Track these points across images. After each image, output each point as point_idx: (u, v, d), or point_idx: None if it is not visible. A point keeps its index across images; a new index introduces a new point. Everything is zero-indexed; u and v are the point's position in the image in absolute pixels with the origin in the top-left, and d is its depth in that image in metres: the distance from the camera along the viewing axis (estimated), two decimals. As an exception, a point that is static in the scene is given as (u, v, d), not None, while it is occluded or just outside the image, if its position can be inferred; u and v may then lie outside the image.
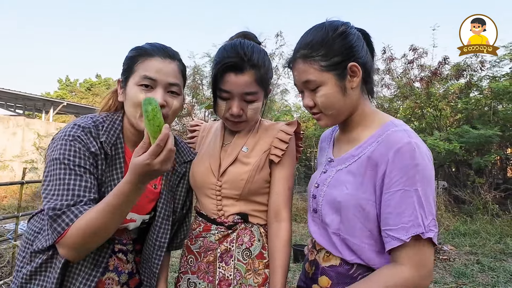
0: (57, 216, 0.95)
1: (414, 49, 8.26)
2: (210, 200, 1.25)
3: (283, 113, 9.65)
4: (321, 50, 1.01)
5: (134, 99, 1.07)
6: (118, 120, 1.16)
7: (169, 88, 1.11)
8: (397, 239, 0.89)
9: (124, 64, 1.15)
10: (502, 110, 7.99)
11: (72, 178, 0.99)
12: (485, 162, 7.18)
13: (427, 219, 0.89)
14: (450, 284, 3.84)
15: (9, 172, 10.83)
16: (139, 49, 1.13)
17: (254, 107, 1.20)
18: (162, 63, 1.10)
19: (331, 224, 1.04)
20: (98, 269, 1.09)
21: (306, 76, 1.03)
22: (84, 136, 1.05)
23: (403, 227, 0.89)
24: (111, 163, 1.10)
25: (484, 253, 4.90)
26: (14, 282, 1.11)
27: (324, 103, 1.03)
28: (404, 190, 0.90)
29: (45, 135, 11.29)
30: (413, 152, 0.91)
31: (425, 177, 0.90)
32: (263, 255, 1.21)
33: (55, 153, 1.01)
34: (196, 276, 1.22)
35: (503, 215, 6.47)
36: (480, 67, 7.86)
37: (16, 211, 3.79)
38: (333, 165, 1.10)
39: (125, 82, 1.13)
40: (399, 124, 1.01)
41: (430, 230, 0.89)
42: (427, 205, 0.90)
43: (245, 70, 1.14)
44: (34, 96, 14.44)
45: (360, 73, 1.03)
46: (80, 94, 29.67)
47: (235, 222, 1.22)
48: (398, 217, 0.90)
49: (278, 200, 1.23)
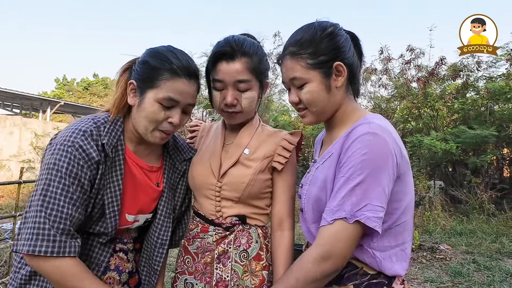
0: (41, 235, 0.94)
1: (411, 50, 8.30)
2: (209, 201, 1.25)
3: (281, 112, 9.67)
4: (309, 48, 1.04)
5: (154, 116, 1.07)
6: (120, 121, 1.14)
7: (186, 108, 1.13)
8: (324, 219, 0.96)
9: (143, 71, 1.09)
10: (498, 110, 8.04)
11: (64, 195, 0.97)
12: (482, 162, 7.22)
13: (359, 204, 0.91)
14: (446, 283, 3.87)
15: (6, 172, 10.80)
16: (165, 63, 1.07)
17: (248, 96, 1.20)
18: (187, 85, 1.09)
19: (309, 219, 1.09)
20: (99, 268, 1.10)
21: (293, 73, 1.06)
22: (85, 143, 1.02)
23: (332, 210, 0.95)
24: (111, 165, 1.09)
25: (480, 252, 4.93)
26: (12, 284, 1.10)
27: (309, 100, 1.06)
28: (345, 178, 0.95)
29: (42, 134, 11.27)
30: (365, 141, 0.94)
31: (370, 165, 0.92)
32: (261, 257, 1.22)
33: (52, 159, 0.99)
34: (193, 277, 1.23)
35: (499, 215, 6.51)
36: (476, 67, 7.91)
37: (13, 211, 3.78)
38: (315, 165, 1.14)
39: (142, 90, 1.08)
40: (369, 118, 1.03)
41: (361, 214, 0.91)
42: (364, 191, 0.92)
43: (236, 58, 1.16)
44: (31, 95, 14.38)
45: (345, 73, 1.05)
46: (77, 93, 29.53)
47: (233, 224, 1.22)
48: (333, 200, 0.96)
49: (282, 209, 1.25)
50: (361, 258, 1.00)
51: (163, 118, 1.08)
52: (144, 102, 1.07)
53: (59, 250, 0.95)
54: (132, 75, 1.13)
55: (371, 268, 0.99)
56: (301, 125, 9.46)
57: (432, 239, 5.57)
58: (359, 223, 0.92)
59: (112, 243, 1.14)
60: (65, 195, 0.97)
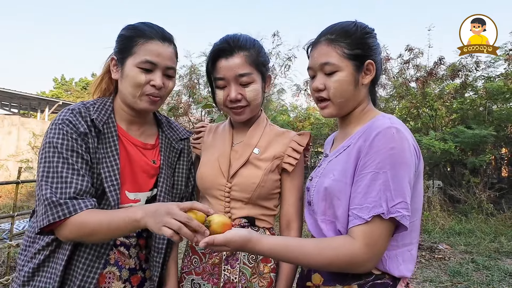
0: (54, 206, 0.98)
1: (410, 49, 8.30)
2: (218, 201, 1.24)
3: (280, 112, 9.65)
4: (347, 39, 1.06)
5: (135, 80, 1.12)
6: (109, 102, 1.21)
7: (166, 72, 1.17)
8: (359, 217, 0.93)
9: (120, 43, 1.17)
10: (497, 110, 8.05)
11: (65, 167, 1.03)
12: (480, 162, 7.22)
13: (394, 201, 0.91)
14: (445, 283, 3.87)
15: (4, 172, 10.76)
16: (137, 30, 1.16)
17: (251, 89, 1.20)
18: (162, 47, 1.15)
19: (318, 211, 1.07)
20: (100, 261, 1.10)
21: (327, 58, 1.06)
22: (73, 118, 1.09)
23: (367, 207, 0.92)
24: (104, 140, 1.14)
25: (479, 252, 4.94)
26: (16, 281, 1.12)
27: (336, 88, 1.06)
28: (374, 173, 0.93)
29: (41, 134, 11.23)
30: (390, 135, 0.94)
31: (399, 160, 0.92)
32: (269, 259, 1.21)
33: (47, 137, 1.06)
34: (201, 278, 1.22)
35: (497, 214, 6.52)
36: (475, 67, 7.91)
37: (11, 211, 3.76)
38: (326, 159, 1.15)
39: (121, 62, 1.15)
40: (387, 115, 1.06)
41: (396, 211, 0.90)
42: (396, 187, 0.91)
43: (234, 53, 1.18)
44: (30, 95, 14.34)
45: (373, 73, 1.09)
46: (75, 93, 29.46)
47: (241, 226, 1.21)
48: (364, 197, 0.94)
49: (290, 210, 1.25)
50: None
51: (145, 81, 1.13)
52: (125, 71, 1.14)
53: (70, 210, 0.98)
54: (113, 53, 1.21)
55: (376, 268, 0.99)
56: (300, 125, 9.45)
57: (431, 238, 5.59)
58: (394, 220, 0.91)
59: None
60: (67, 167, 1.03)
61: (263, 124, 1.31)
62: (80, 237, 1.02)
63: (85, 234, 1.00)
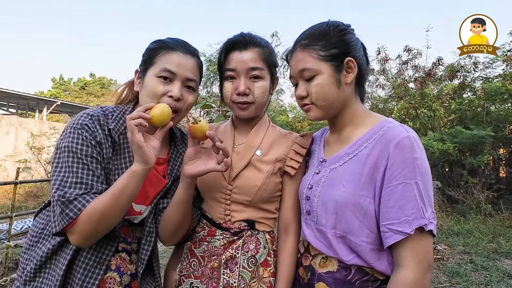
0: (68, 202, 0.96)
1: (408, 50, 8.32)
2: (218, 203, 1.23)
3: (278, 113, 9.65)
4: (321, 41, 1.04)
5: (152, 90, 1.10)
6: (128, 111, 1.18)
7: (186, 83, 1.15)
8: (400, 232, 0.89)
9: (144, 55, 1.17)
10: (495, 110, 8.06)
11: (80, 167, 1.01)
12: (478, 162, 7.24)
13: (427, 211, 0.90)
14: (444, 283, 3.87)
15: (2, 172, 10.71)
16: (161, 42, 1.16)
17: (260, 85, 1.20)
18: (183, 58, 1.14)
19: (326, 224, 1.03)
20: (101, 266, 1.09)
21: (304, 64, 1.05)
22: (92, 125, 1.07)
23: (407, 220, 0.89)
24: (119, 151, 1.12)
25: (477, 252, 4.94)
26: (18, 280, 1.12)
27: (318, 93, 1.04)
28: (405, 183, 0.90)
29: (39, 134, 11.19)
30: (412, 145, 0.92)
31: (424, 170, 0.92)
32: (269, 263, 1.20)
33: (64, 142, 1.04)
34: (200, 281, 1.20)
35: (496, 215, 6.54)
36: (473, 68, 7.93)
37: (9, 212, 3.75)
38: (326, 165, 1.10)
39: (143, 73, 1.15)
40: (393, 121, 1.03)
41: (430, 222, 0.89)
42: (426, 197, 0.90)
43: (248, 47, 1.19)
44: (28, 95, 14.30)
45: (355, 70, 1.05)
46: (74, 93, 29.41)
47: (241, 229, 1.20)
48: (400, 211, 0.90)
49: (289, 213, 1.23)
50: (375, 265, 0.97)
51: (163, 92, 1.10)
52: (145, 81, 1.13)
53: (80, 206, 0.97)
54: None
55: (382, 274, 0.98)
56: (299, 125, 9.45)
57: (429, 239, 5.58)
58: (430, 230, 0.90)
59: (115, 241, 1.13)
60: (82, 167, 1.01)
61: (266, 125, 1.30)
62: (96, 227, 0.98)
63: (98, 223, 0.97)
